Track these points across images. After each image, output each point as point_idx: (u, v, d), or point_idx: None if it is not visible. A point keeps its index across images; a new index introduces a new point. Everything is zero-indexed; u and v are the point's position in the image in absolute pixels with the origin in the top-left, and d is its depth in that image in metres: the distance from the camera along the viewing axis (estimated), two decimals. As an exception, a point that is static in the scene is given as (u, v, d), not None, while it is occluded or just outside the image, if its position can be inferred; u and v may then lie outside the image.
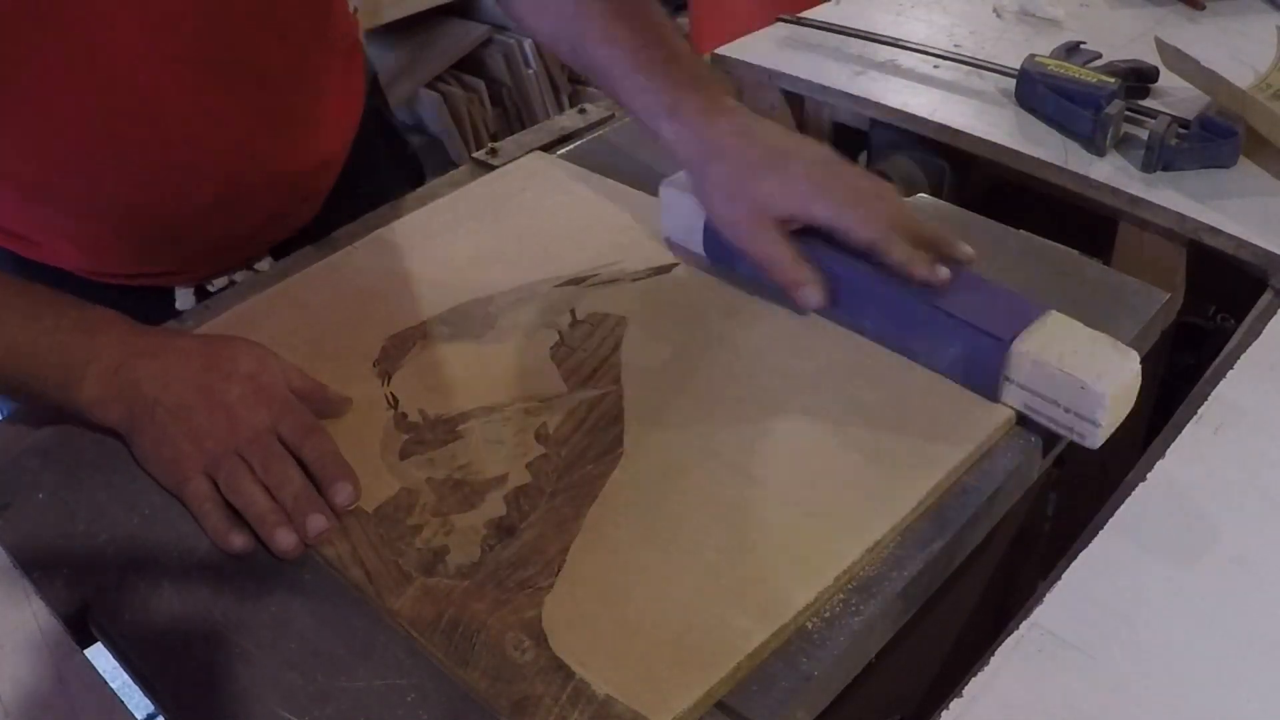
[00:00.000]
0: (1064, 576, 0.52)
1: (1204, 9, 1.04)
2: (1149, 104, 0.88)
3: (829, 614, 0.50)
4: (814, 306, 0.61)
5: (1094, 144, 0.83)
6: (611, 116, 0.92)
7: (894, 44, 1.00)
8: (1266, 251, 0.72)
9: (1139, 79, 0.90)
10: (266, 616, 0.51)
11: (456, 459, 0.58)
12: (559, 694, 0.46)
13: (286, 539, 0.53)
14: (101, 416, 0.59)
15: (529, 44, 2.31)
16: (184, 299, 0.79)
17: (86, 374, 0.58)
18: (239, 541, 0.54)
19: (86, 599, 0.53)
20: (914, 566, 0.52)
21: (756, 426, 0.59)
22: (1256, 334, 0.66)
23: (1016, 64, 0.90)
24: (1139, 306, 0.67)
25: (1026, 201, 0.87)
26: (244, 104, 0.70)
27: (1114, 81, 0.84)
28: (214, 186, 0.72)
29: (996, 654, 0.49)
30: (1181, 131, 0.81)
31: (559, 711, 0.45)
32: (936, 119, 0.89)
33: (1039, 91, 0.87)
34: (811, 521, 0.53)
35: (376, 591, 0.51)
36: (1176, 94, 0.89)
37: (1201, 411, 0.61)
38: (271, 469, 0.55)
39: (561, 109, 2.34)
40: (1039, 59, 0.89)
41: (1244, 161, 0.81)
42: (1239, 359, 0.64)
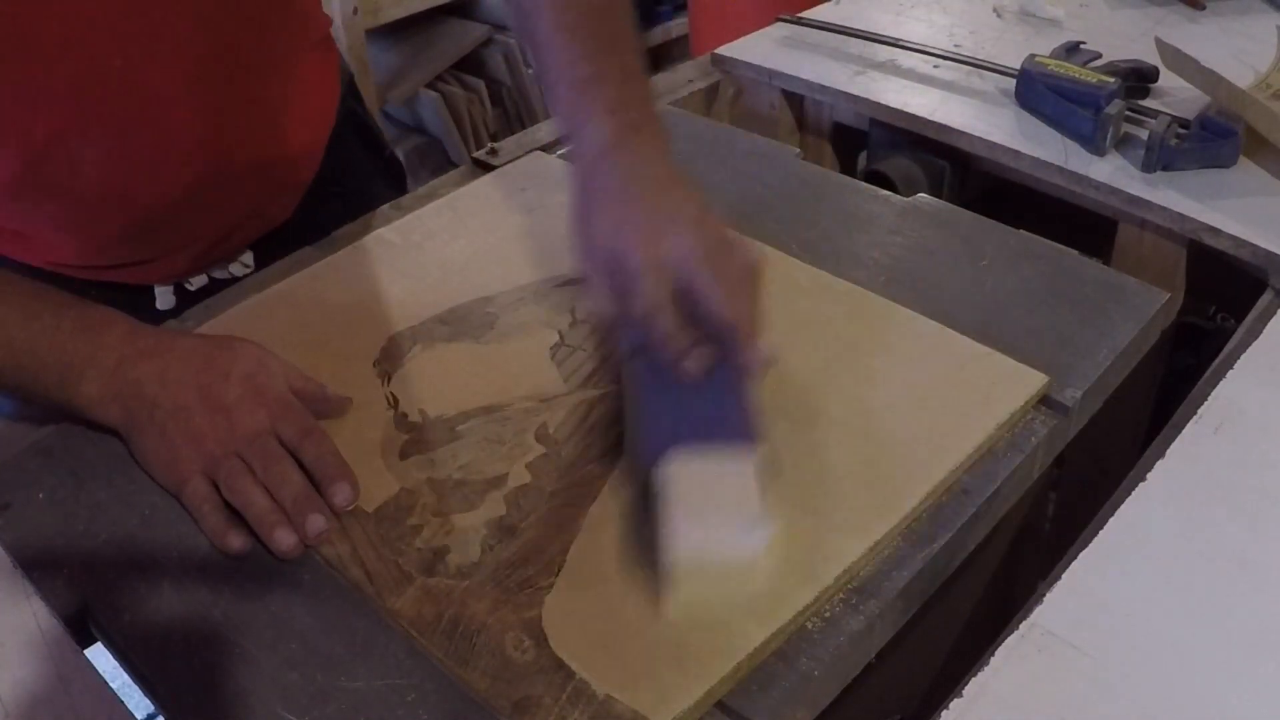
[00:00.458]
0: (1064, 576, 0.52)
1: (1204, 9, 1.04)
2: (1149, 104, 0.88)
3: (829, 614, 0.50)
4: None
5: (1094, 144, 0.83)
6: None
7: (894, 44, 1.00)
8: (1266, 251, 0.72)
9: (1139, 79, 0.90)
10: (266, 616, 0.51)
11: (456, 459, 0.58)
12: (559, 694, 0.46)
13: (286, 539, 0.53)
14: (101, 416, 0.59)
15: (529, 44, 2.31)
16: (164, 298, 0.79)
17: (86, 374, 0.58)
18: (237, 542, 0.54)
19: (86, 599, 0.52)
20: (914, 566, 0.52)
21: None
22: (1256, 334, 0.66)
23: (1016, 64, 0.90)
24: (1139, 306, 0.67)
25: (1026, 201, 0.87)
26: (218, 89, 0.70)
27: (1114, 81, 0.84)
28: (189, 172, 0.71)
29: (996, 654, 0.49)
30: (1181, 131, 0.81)
31: (559, 711, 0.45)
32: (936, 119, 0.89)
33: (1039, 91, 0.87)
34: (811, 521, 0.53)
35: (376, 591, 0.51)
36: (1176, 94, 0.89)
37: (1201, 411, 0.61)
38: (271, 469, 0.55)
39: (561, 109, 2.34)
40: (1039, 59, 0.89)
41: (1244, 161, 0.81)
42: (1239, 359, 0.64)
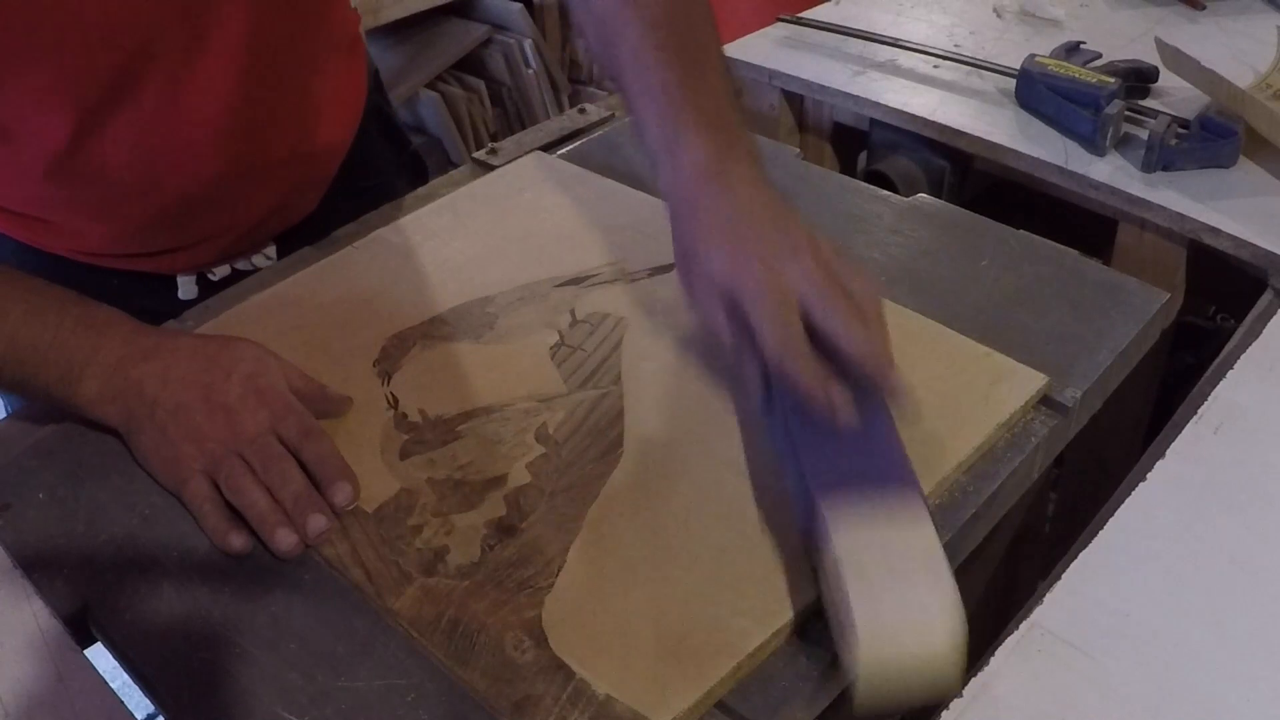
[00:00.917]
0: (1064, 576, 0.52)
1: (1204, 9, 1.04)
2: (1149, 104, 0.88)
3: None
4: (751, 397, 0.56)
5: (1094, 144, 0.83)
6: (611, 116, 0.92)
7: (894, 44, 1.00)
8: (1266, 251, 0.72)
9: (1139, 79, 0.90)
10: (266, 616, 0.51)
11: (456, 459, 0.58)
12: (559, 694, 0.46)
13: (287, 539, 0.53)
14: (101, 415, 0.59)
15: (529, 44, 2.31)
16: (186, 288, 0.79)
17: (86, 372, 0.58)
18: (238, 542, 0.54)
19: (86, 599, 0.52)
20: (914, 566, 0.52)
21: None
22: (1256, 334, 0.66)
23: (1016, 64, 0.90)
24: (1139, 306, 0.67)
25: (1026, 201, 0.87)
26: (252, 83, 0.70)
27: (1114, 81, 0.84)
28: (219, 164, 0.72)
29: (996, 654, 0.49)
30: (1181, 131, 0.81)
31: (559, 711, 0.45)
32: (936, 119, 0.89)
33: (1039, 91, 0.87)
34: (811, 521, 0.53)
35: (376, 591, 0.51)
36: (1176, 94, 0.89)
37: (1201, 411, 0.61)
38: (271, 469, 0.55)
39: (561, 109, 2.34)
40: (1039, 59, 0.89)
41: (1244, 161, 0.81)
42: (1239, 359, 0.64)
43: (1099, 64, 0.91)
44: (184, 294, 0.79)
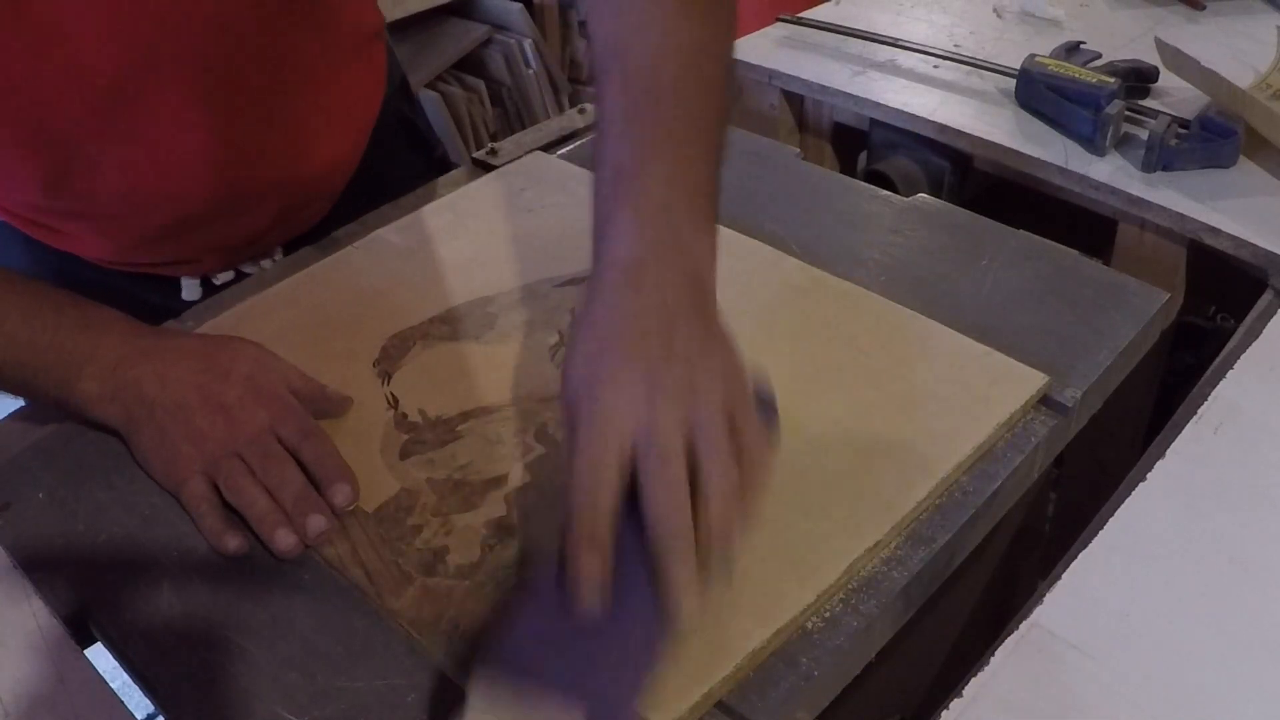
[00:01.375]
0: (1064, 576, 0.52)
1: (1204, 9, 1.04)
2: (1149, 104, 0.88)
3: (829, 614, 0.50)
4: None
5: (1094, 144, 0.83)
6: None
7: (894, 44, 1.00)
8: (1266, 251, 0.72)
9: (1139, 79, 0.90)
10: (266, 616, 0.51)
11: (456, 459, 0.58)
12: (559, 694, 0.46)
13: (286, 539, 0.53)
14: (100, 415, 0.59)
15: (529, 44, 2.31)
16: (190, 290, 0.80)
17: (85, 372, 0.58)
18: (234, 543, 0.53)
19: (86, 599, 0.52)
20: (914, 566, 0.52)
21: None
22: (1256, 334, 0.66)
23: (1016, 64, 0.90)
24: (1139, 306, 0.67)
25: (1026, 201, 0.87)
26: (232, 110, 0.70)
27: (1114, 81, 0.84)
28: (206, 188, 0.72)
29: (996, 654, 0.49)
30: (1181, 131, 0.81)
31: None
32: (936, 119, 0.89)
33: (1039, 91, 0.87)
34: (811, 521, 0.53)
35: (376, 591, 0.51)
36: (1176, 94, 0.89)
37: (1201, 411, 0.61)
38: (271, 470, 0.55)
39: (561, 109, 2.34)
40: (1039, 59, 0.89)
41: (1244, 161, 0.81)
42: (1239, 359, 0.64)
43: (1099, 64, 0.91)
44: (188, 295, 0.80)
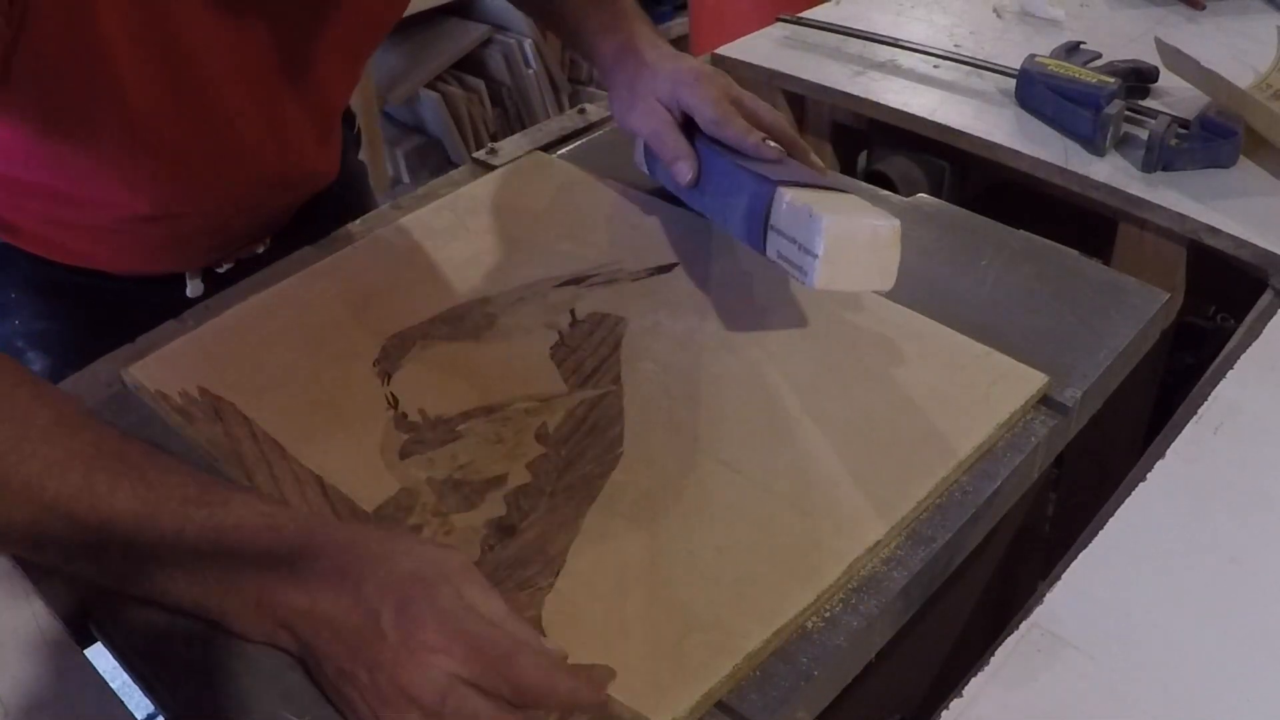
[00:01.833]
0: (1064, 576, 0.52)
1: (1204, 9, 1.04)
2: (1149, 104, 0.88)
3: (829, 614, 0.50)
4: (684, 181, 0.70)
5: (1094, 144, 0.83)
6: (611, 117, 0.92)
7: (894, 44, 1.00)
8: (1266, 251, 0.72)
9: (1139, 79, 0.90)
10: (266, 616, 0.51)
11: (456, 459, 0.58)
12: (559, 694, 0.46)
13: None
14: (276, 644, 0.49)
15: (529, 44, 2.31)
16: (194, 287, 0.80)
17: (226, 607, 0.48)
18: None
19: (86, 599, 0.52)
20: (914, 566, 0.52)
21: (757, 426, 0.59)
22: (1256, 334, 0.66)
23: (1016, 64, 0.90)
24: (1139, 306, 0.67)
25: (1026, 201, 0.87)
26: (301, 116, 0.72)
27: (1114, 81, 0.84)
28: (263, 194, 0.75)
29: (996, 654, 0.49)
30: (1181, 131, 0.81)
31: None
32: (936, 119, 0.89)
33: (1039, 91, 0.87)
34: (811, 521, 0.53)
35: (376, 591, 0.51)
36: (1176, 94, 0.89)
37: (1201, 411, 0.61)
38: None
39: (561, 109, 2.34)
40: (1039, 59, 0.89)
41: (1244, 161, 0.81)
42: (1239, 359, 0.64)
43: (1099, 64, 0.91)
44: (191, 292, 0.80)
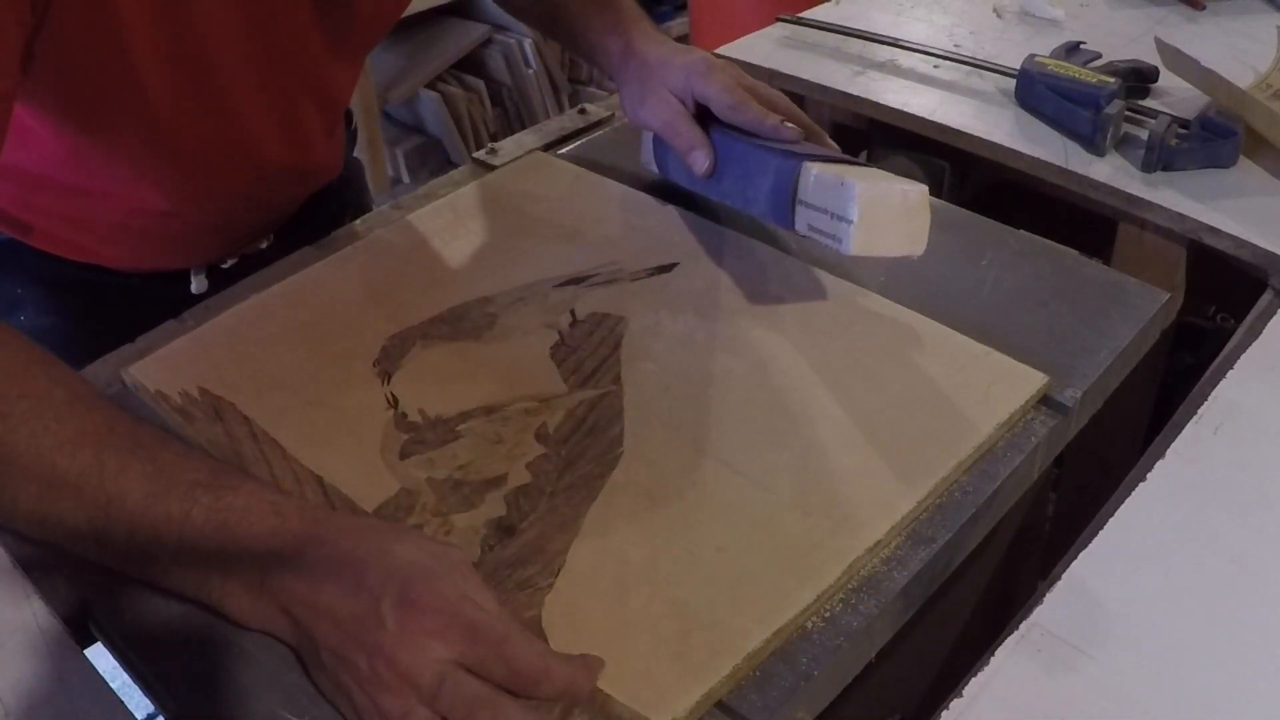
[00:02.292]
0: (1064, 576, 0.52)
1: (1204, 9, 1.04)
2: (1149, 104, 0.88)
3: (829, 614, 0.50)
4: (702, 170, 0.71)
5: (1094, 144, 0.83)
6: (611, 116, 0.92)
7: (894, 44, 1.00)
8: (1266, 251, 0.72)
9: (1139, 79, 0.90)
10: (266, 616, 0.51)
11: (456, 459, 0.58)
12: (559, 694, 0.46)
13: None
14: (267, 631, 0.50)
15: (529, 44, 2.31)
16: (198, 282, 0.81)
17: (227, 589, 0.49)
18: None
19: (86, 599, 0.52)
20: (914, 566, 0.52)
21: (757, 426, 0.59)
22: (1256, 334, 0.66)
23: (1016, 64, 0.90)
24: (1139, 306, 0.67)
25: (1026, 201, 0.87)
26: (311, 110, 0.73)
27: (1114, 81, 0.84)
28: (272, 187, 0.75)
29: (996, 654, 0.49)
30: (1181, 131, 0.81)
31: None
32: (936, 119, 0.89)
33: (1039, 91, 0.87)
34: (811, 521, 0.53)
35: (376, 591, 0.51)
36: (1176, 94, 0.89)
37: (1201, 411, 0.61)
38: (478, 716, 0.44)
39: (561, 109, 2.34)
40: (1039, 59, 0.89)
41: (1244, 161, 0.81)
42: (1239, 359, 0.64)
43: (1099, 64, 0.91)
44: (196, 288, 0.80)
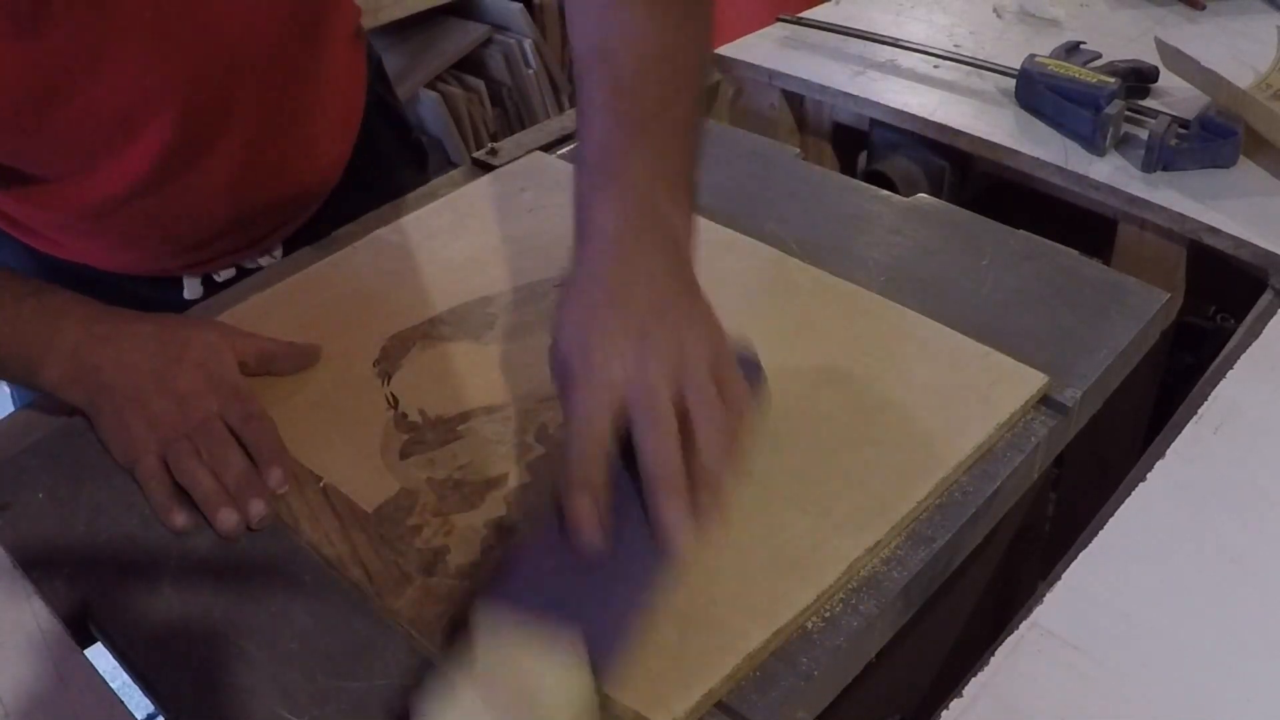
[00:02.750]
0: (1064, 576, 0.52)
1: (1204, 9, 1.04)
2: (1149, 104, 0.88)
3: (829, 614, 0.50)
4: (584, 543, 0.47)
5: (1094, 144, 0.83)
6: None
7: (894, 44, 1.00)
8: (1266, 251, 0.72)
9: (1139, 79, 0.90)
10: (266, 616, 0.51)
11: (456, 459, 0.58)
12: (559, 694, 0.46)
13: (229, 519, 0.55)
14: (66, 397, 0.62)
15: (529, 44, 2.31)
16: (192, 288, 0.81)
17: (46, 359, 0.61)
18: (180, 519, 0.56)
19: (86, 599, 0.53)
20: (914, 566, 0.52)
21: (756, 426, 0.59)
22: (1256, 334, 0.66)
23: (1016, 64, 0.90)
24: (1139, 306, 0.67)
25: (1026, 201, 0.87)
26: (257, 124, 0.72)
27: (1114, 81, 0.84)
28: (231, 205, 0.75)
29: (996, 654, 0.49)
30: (1181, 131, 0.81)
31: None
32: (936, 119, 0.89)
33: (1039, 91, 0.87)
34: (811, 521, 0.53)
35: (376, 591, 0.51)
36: (1176, 94, 0.89)
37: (1201, 411, 0.61)
38: (216, 453, 0.58)
39: (561, 109, 2.34)
40: (1039, 59, 0.89)
41: (1244, 161, 0.81)
42: (1239, 359, 0.64)
43: (1099, 64, 0.91)
44: (189, 294, 0.80)
